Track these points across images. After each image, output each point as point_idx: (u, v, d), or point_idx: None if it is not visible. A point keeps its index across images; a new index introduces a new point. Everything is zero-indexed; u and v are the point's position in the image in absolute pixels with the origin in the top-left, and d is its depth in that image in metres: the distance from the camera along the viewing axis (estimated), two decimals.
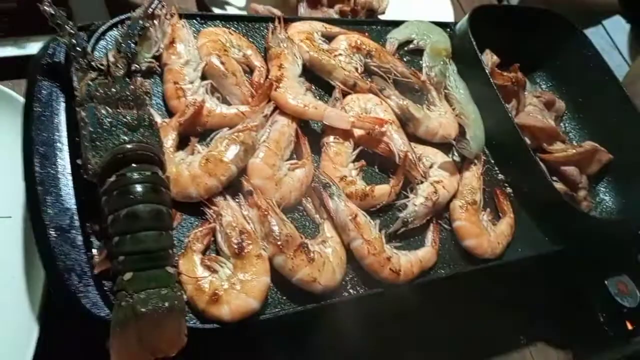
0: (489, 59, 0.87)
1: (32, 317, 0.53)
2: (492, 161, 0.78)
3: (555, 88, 0.98)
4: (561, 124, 0.95)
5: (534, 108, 0.87)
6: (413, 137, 0.72)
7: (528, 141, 0.80)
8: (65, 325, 0.52)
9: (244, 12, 0.85)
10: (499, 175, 0.78)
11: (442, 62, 0.80)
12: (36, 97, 0.54)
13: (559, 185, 0.80)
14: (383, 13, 0.98)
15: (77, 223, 0.49)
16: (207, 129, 0.60)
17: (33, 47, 0.68)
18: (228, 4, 0.85)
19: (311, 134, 0.66)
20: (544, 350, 0.80)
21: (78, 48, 0.53)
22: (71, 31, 0.54)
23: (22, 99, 0.61)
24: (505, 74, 0.88)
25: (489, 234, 0.69)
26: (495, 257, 0.68)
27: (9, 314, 0.54)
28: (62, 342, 0.53)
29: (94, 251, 0.49)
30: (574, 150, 0.83)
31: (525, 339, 0.79)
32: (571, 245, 0.73)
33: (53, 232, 0.49)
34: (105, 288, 0.48)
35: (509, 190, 0.77)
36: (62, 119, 0.54)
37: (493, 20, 0.87)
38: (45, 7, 0.53)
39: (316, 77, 0.71)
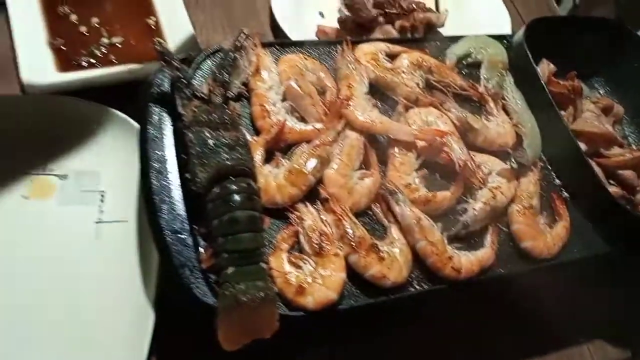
0: (545, 67, 0.91)
1: (149, 305, 0.64)
2: (549, 167, 0.83)
3: (613, 92, 1.00)
4: (620, 128, 0.97)
5: (591, 114, 0.90)
6: (472, 147, 0.78)
7: (585, 147, 0.83)
8: (178, 311, 0.62)
9: (315, 35, 0.94)
10: (556, 180, 0.82)
11: (499, 74, 0.85)
12: (149, 121, 0.65)
13: (615, 189, 0.83)
14: (442, 26, 1.04)
15: (187, 227, 0.60)
16: (288, 144, 0.69)
17: (141, 74, 0.79)
18: (300, 27, 0.94)
19: (378, 146, 0.73)
20: (602, 347, 0.84)
21: (183, 80, 0.64)
22: (177, 66, 0.65)
23: (133, 122, 0.73)
24: (561, 82, 0.91)
25: (545, 236, 0.74)
26: (552, 258, 0.73)
27: (128, 303, 0.65)
28: (175, 326, 0.63)
29: (201, 250, 0.59)
30: (631, 155, 0.86)
31: (584, 335, 0.83)
32: (628, 247, 0.76)
33: (168, 235, 0.59)
34: (211, 280, 0.58)
35: (565, 194, 0.81)
36: (170, 139, 0.64)
37: (549, 30, 0.91)
38: (157, 47, 0.64)
39: (381, 94, 0.78)
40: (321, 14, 1.02)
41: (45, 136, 0.72)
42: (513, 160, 0.78)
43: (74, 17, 0.83)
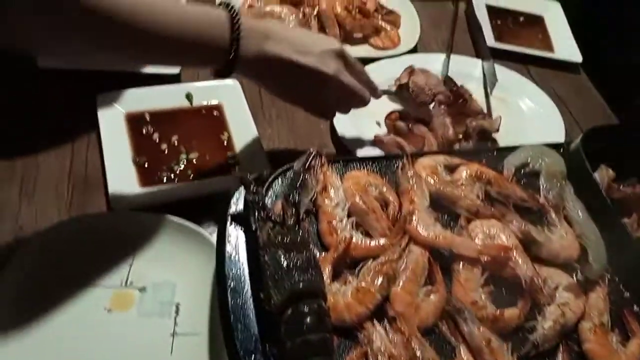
0: (604, 174, 0.92)
1: None
2: (617, 279, 0.81)
3: None
4: None
5: None
6: (536, 259, 0.78)
7: None
8: None
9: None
10: (626, 293, 0.80)
11: (558, 184, 0.86)
12: (226, 240, 0.69)
13: None
14: (496, 131, 1.07)
15: (260, 347, 0.62)
16: (354, 260, 0.72)
17: (215, 188, 0.86)
18: (361, 144, 1.00)
19: (442, 261, 0.75)
20: None
21: (259, 202, 0.69)
22: (254, 189, 0.70)
23: (207, 235, 0.78)
24: (622, 187, 0.91)
25: (620, 355, 0.71)
26: None
27: None
28: None
29: None
30: None
31: None
32: None
33: (242, 354, 0.61)
34: None
35: (636, 308, 0.78)
36: (245, 258, 0.68)
37: (607, 138, 0.92)
38: (237, 174, 0.70)
39: (442, 206, 0.81)
40: (378, 124, 1.07)
41: (127, 250, 0.78)
42: (579, 273, 0.77)
43: (156, 136, 0.92)
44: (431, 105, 1.06)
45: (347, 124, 1.03)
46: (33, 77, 0.96)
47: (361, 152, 0.99)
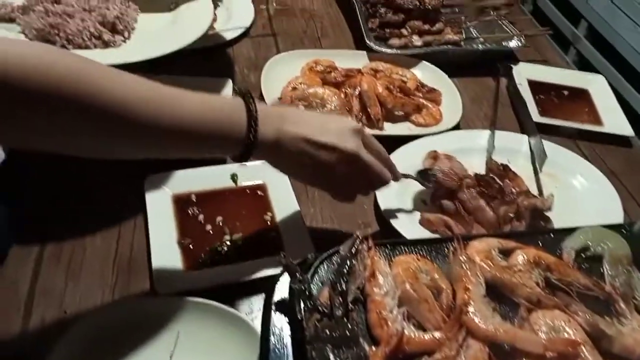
0: None
1: None
2: None
3: None
4: None
5: None
6: (608, 355, 0.71)
7: None
8: None
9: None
10: None
11: (625, 271, 0.80)
12: (271, 331, 0.66)
13: None
14: (549, 210, 1.03)
15: None
16: (407, 355, 0.67)
17: (258, 273, 0.84)
18: (408, 224, 0.97)
19: (503, 357, 0.69)
20: None
21: (305, 291, 0.66)
22: (300, 278, 0.67)
23: (249, 322, 0.76)
24: None
25: None
26: None
27: None
28: None
29: None
30: None
31: None
32: None
33: None
34: None
35: None
36: (290, 351, 0.65)
37: None
38: (281, 260, 0.68)
39: (499, 295, 0.76)
40: (424, 201, 1.05)
41: (170, 336, 0.76)
42: None
43: (201, 217, 0.92)
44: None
45: (392, 202, 1.01)
46: (83, 158, 1.00)
47: (408, 233, 0.96)
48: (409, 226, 0.98)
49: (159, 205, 0.92)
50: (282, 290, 0.70)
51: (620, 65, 2.51)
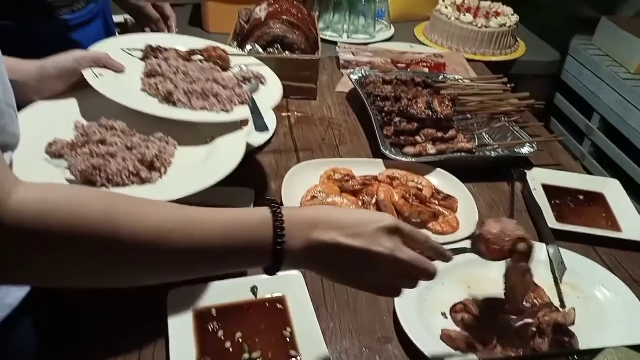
0: None
1: None
2: None
3: None
4: None
5: None
6: None
7: None
8: None
9: None
10: None
11: None
12: None
13: None
14: (572, 324, 1.01)
15: None
16: None
17: None
18: (428, 339, 0.96)
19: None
20: None
21: None
22: None
23: None
24: None
25: None
26: None
27: None
28: None
29: None
30: None
31: None
32: None
33: None
34: None
35: None
36: None
37: None
38: None
39: None
40: (444, 315, 1.04)
41: None
42: None
43: (220, 333, 0.93)
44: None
45: (411, 316, 1.00)
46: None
47: (428, 349, 0.94)
48: (429, 340, 0.97)
49: (180, 322, 0.93)
50: None
51: (636, 157, 2.58)
